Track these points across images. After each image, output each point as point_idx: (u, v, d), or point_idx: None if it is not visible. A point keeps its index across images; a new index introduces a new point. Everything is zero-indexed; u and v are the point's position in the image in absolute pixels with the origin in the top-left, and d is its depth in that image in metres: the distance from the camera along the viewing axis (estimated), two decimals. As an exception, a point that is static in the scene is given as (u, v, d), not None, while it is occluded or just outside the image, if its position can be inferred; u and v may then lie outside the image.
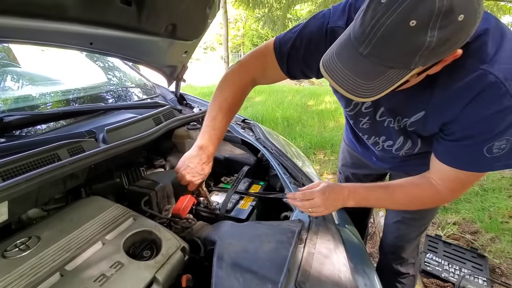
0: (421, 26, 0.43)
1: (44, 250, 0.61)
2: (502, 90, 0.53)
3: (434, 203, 0.79)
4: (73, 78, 1.51)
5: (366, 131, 0.88)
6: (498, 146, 0.58)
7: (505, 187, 2.36)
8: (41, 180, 0.62)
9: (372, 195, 0.78)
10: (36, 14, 0.67)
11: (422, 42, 0.44)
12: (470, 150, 0.61)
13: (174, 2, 0.97)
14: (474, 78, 0.55)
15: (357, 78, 0.51)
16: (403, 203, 0.77)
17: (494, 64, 0.54)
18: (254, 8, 8.25)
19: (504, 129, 0.56)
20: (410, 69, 0.48)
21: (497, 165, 0.62)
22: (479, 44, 0.55)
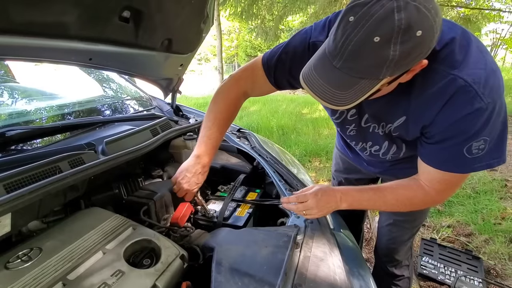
0: (384, 42, 0.48)
1: (46, 261, 0.62)
2: (472, 93, 0.58)
3: (425, 204, 0.81)
4: (70, 92, 1.53)
5: (353, 137, 0.92)
6: (476, 147, 0.62)
7: (496, 189, 2.41)
8: (44, 192, 0.64)
9: (364, 197, 0.81)
10: (38, 33, 0.70)
11: (387, 55, 0.49)
12: (451, 151, 0.65)
13: (170, 18, 1.01)
14: (446, 83, 0.60)
15: (333, 89, 0.56)
16: (394, 204, 0.80)
17: (463, 69, 0.59)
18: (247, 20, 8.43)
19: (479, 129, 0.60)
20: (380, 79, 0.53)
21: (479, 166, 0.65)
22: (448, 52, 0.60)
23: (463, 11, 9.29)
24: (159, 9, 0.93)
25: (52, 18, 0.69)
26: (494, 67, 0.61)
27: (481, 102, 0.58)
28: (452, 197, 2.35)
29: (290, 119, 5.11)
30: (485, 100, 0.58)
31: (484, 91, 0.58)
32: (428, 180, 0.74)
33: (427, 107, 0.64)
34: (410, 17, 0.47)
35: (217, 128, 0.90)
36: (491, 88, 0.59)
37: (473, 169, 0.66)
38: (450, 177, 0.70)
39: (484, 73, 0.59)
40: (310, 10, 7.88)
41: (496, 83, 0.60)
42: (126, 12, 0.87)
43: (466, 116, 0.59)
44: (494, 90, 0.59)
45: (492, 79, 0.59)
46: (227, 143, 1.41)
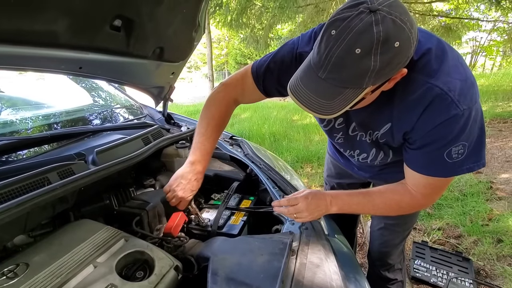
0: (365, 53, 0.51)
1: (33, 277, 0.59)
2: (448, 100, 0.61)
3: (412, 208, 0.83)
4: (58, 101, 1.50)
5: (341, 145, 0.95)
6: (456, 151, 0.65)
7: (483, 191, 2.47)
8: (32, 204, 0.61)
9: (353, 200, 0.83)
10: (28, 41, 0.69)
11: (368, 66, 0.52)
12: (432, 156, 0.68)
13: (162, 27, 1.02)
14: (424, 92, 0.63)
15: (319, 98, 0.58)
16: (383, 208, 0.82)
17: (439, 78, 0.62)
18: (237, 29, 8.51)
19: (457, 135, 0.63)
20: (363, 88, 0.56)
21: (460, 169, 0.68)
22: (425, 62, 0.64)
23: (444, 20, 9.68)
24: (151, 18, 0.93)
25: (41, 26, 0.68)
26: (468, 74, 0.64)
27: (457, 109, 0.61)
28: (441, 200, 2.39)
29: (281, 126, 5.14)
30: (460, 107, 0.61)
31: (459, 99, 0.61)
32: (414, 185, 0.76)
33: (408, 113, 0.67)
34: (387, 30, 0.50)
35: (210, 134, 0.91)
36: (466, 95, 0.61)
37: (454, 173, 0.69)
38: (434, 181, 0.72)
39: (459, 82, 0.62)
40: (299, 19, 8.04)
41: (471, 91, 0.63)
42: (117, 21, 0.86)
43: (444, 123, 0.62)
44: (469, 97, 0.62)
45: (467, 87, 0.62)
46: (220, 151, 1.40)
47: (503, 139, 3.74)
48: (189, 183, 0.86)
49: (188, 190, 0.86)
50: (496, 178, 2.74)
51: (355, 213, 0.84)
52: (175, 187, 0.85)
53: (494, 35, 12.84)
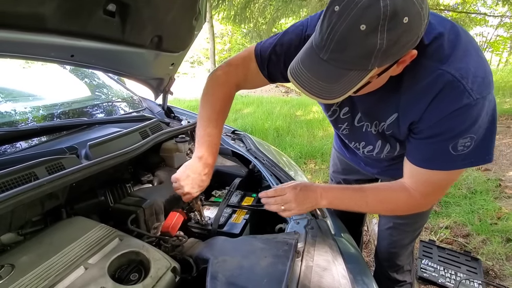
0: (371, 30, 0.47)
1: (19, 279, 0.55)
2: (460, 88, 0.56)
3: (410, 208, 0.77)
4: (55, 93, 1.45)
5: (347, 136, 0.90)
6: (462, 144, 0.60)
7: (491, 189, 2.41)
8: (15, 202, 0.57)
9: (345, 194, 0.78)
10: (12, 24, 0.63)
11: (374, 44, 0.48)
12: (437, 147, 0.63)
13: (160, 13, 0.96)
14: (434, 78, 0.58)
15: (320, 82, 0.54)
16: (376, 205, 0.77)
17: (451, 64, 0.57)
18: (240, 24, 8.42)
19: (467, 127, 0.58)
20: (368, 70, 0.52)
21: (463, 163, 0.63)
22: (436, 46, 0.59)
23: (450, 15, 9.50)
24: (148, 2, 0.88)
25: (26, 8, 0.62)
26: (483, 62, 0.59)
27: (470, 98, 0.56)
28: (448, 198, 2.34)
29: (284, 121, 5.07)
30: (473, 95, 0.56)
31: (472, 87, 0.56)
32: (414, 182, 0.72)
33: (416, 102, 0.63)
34: (395, 4, 0.46)
35: (214, 124, 0.85)
36: (480, 83, 0.57)
37: (456, 167, 0.64)
38: (435, 177, 0.67)
39: (472, 69, 0.57)
40: (303, 12, 7.92)
41: (485, 80, 0.58)
42: (111, 5, 0.80)
43: (454, 112, 0.58)
44: (483, 86, 0.57)
45: (481, 75, 0.57)
46: (221, 146, 1.35)
47: (511, 136, 3.66)
48: (197, 177, 0.80)
49: (196, 185, 0.80)
50: (505, 176, 2.68)
51: (347, 210, 0.79)
52: (182, 181, 0.78)
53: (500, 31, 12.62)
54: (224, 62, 0.90)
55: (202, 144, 0.83)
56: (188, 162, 0.82)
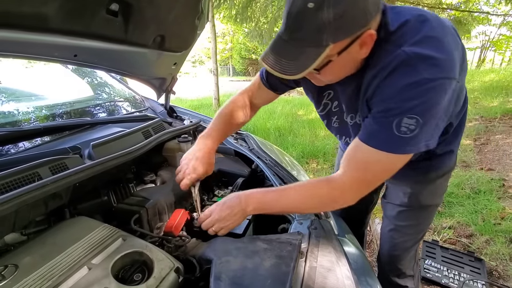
0: (318, 6, 0.53)
1: (22, 280, 0.55)
2: (413, 66, 0.59)
3: (333, 199, 0.74)
4: (57, 93, 1.45)
5: (338, 130, 0.92)
6: (407, 125, 0.61)
7: (495, 189, 2.40)
8: (19, 202, 0.57)
9: (267, 197, 0.78)
10: (15, 24, 0.63)
11: (322, 19, 0.54)
12: (382, 122, 0.64)
13: (162, 13, 0.95)
14: (392, 58, 0.62)
15: (283, 60, 0.61)
16: (299, 201, 0.76)
17: (410, 46, 0.61)
18: (242, 23, 8.39)
19: (415, 105, 0.59)
20: (323, 45, 0.57)
21: (403, 148, 0.64)
22: (400, 33, 0.63)
23: (453, 14, 9.44)
24: (151, 2, 0.87)
25: (30, 8, 0.62)
26: (445, 48, 0.60)
27: (419, 76, 0.58)
28: (451, 198, 2.32)
29: (286, 121, 5.07)
30: (424, 74, 0.58)
31: (426, 67, 0.58)
32: (346, 163, 0.72)
33: (373, 80, 0.66)
34: None
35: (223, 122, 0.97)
36: (433, 65, 0.58)
37: (396, 150, 0.64)
38: (371, 157, 0.67)
39: (430, 52, 0.59)
40: (304, 12, 7.89)
41: (442, 63, 0.59)
42: (114, 5, 0.80)
43: (404, 88, 0.60)
44: (437, 69, 0.59)
45: (438, 58, 0.59)
46: (224, 145, 1.35)
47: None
48: (191, 161, 0.85)
49: (191, 168, 0.84)
50: (509, 176, 2.65)
51: (275, 213, 0.81)
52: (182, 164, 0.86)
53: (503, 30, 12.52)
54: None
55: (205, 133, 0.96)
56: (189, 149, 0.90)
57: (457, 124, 0.89)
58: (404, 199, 1.01)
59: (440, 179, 0.97)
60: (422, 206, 1.01)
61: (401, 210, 1.03)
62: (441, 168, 0.95)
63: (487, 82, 7.31)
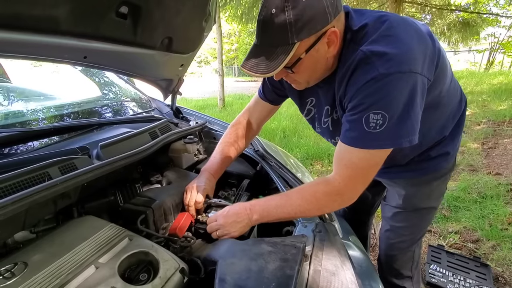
0: (279, 11, 0.61)
1: (31, 277, 0.56)
2: (369, 64, 0.64)
3: (330, 197, 0.77)
4: (66, 93, 1.48)
5: (323, 133, 0.96)
6: (374, 120, 0.65)
7: (503, 194, 2.36)
8: (30, 201, 0.58)
9: (271, 204, 0.80)
10: (26, 27, 0.65)
11: (285, 20, 0.61)
12: (353, 120, 0.68)
13: (170, 15, 0.96)
14: (353, 57, 0.67)
15: (258, 61, 0.67)
16: (301, 204, 0.78)
17: (368, 45, 0.66)
18: (247, 23, 8.41)
19: (376, 100, 0.64)
20: (290, 43, 0.63)
21: (377, 143, 0.67)
22: (363, 33, 0.69)
23: (462, 15, 9.31)
24: (159, 5, 0.88)
25: (41, 11, 0.63)
26: (402, 45, 0.64)
27: (376, 72, 0.63)
28: (458, 202, 2.30)
29: (291, 122, 5.06)
30: (380, 70, 0.62)
31: (382, 63, 0.62)
32: (337, 163, 0.76)
33: (342, 80, 0.72)
34: None
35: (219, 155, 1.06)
36: (389, 61, 0.62)
37: (370, 146, 0.68)
38: (354, 156, 0.71)
39: (384, 48, 0.63)
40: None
41: (398, 59, 0.62)
42: (123, 8, 0.81)
43: (365, 85, 0.65)
44: (393, 64, 0.62)
45: (394, 52, 0.63)
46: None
47: (524, 140, 3.57)
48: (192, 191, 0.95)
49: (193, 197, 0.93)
50: (517, 181, 2.61)
51: (280, 219, 0.82)
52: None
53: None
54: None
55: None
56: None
57: (454, 126, 0.89)
58: (399, 201, 1.02)
59: (436, 181, 0.97)
60: (416, 209, 1.02)
61: (396, 212, 1.06)
62: (437, 171, 0.95)
63: (495, 84, 7.20)
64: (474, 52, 13.63)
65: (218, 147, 1.08)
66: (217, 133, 1.45)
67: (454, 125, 0.90)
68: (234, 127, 1.10)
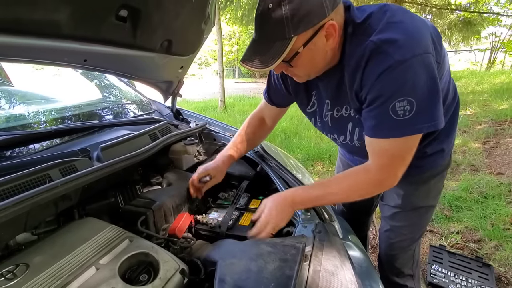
0: (276, 5, 0.61)
1: (33, 279, 0.57)
2: (383, 52, 0.64)
3: (371, 185, 0.79)
4: (67, 96, 1.49)
5: (322, 128, 0.97)
6: (401, 107, 0.64)
7: (504, 193, 2.35)
8: (31, 203, 0.58)
9: (312, 195, 0.83)
10: (28, 31, 0.66)
11: (281, 15, 0.62)
12: (378, 113, 0.68)
13: (170, 18, 0.97)
14: (363, 49, 0.67)
15: (255, 55, 0.68)
16: (342, 193, 0.81)
17: (376, 35, 0.66)
18: (248, 25, 8.44)
19: (398, 87, 0.64)
20: (287, 38, 0.64)
21: (409, 129, 0.67)
22: (366, 25, 0.69)
23: (462, 15, 9.31)
24: (158, 8, 0.89)
25: (42, 15, 0.64)
26: (407, 30, 0.65)
27: (391, 59, 0.62)
28: (459, 202, 2.29)
29: (292, 123, 5.06)
30: (395, 57, 0.62)
31: (394, 50, 0.63)
32: (371, 155, 0.76)
33: (355, 74, 0.71)
34: None
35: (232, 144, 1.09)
36: (401, 47, 0.62)
37: (403, 133, 0.67)
38: (387, 145, 0.71)
39: (393, 35, 0.64)
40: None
41: (408, 43, 0.63)
42: (123, 11, 0.82)
43: (382, 74, 0.64)
44: (405, 49, 0.62)
45: (403, 40, 0.63)
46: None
47: (526, 139, 3.56)
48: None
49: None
50: (519, 180, 2.60)
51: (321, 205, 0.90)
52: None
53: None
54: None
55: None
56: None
57: (447, 122, 0.89)
58: (398, 201, 1.02)
59: (433, 179, 0.98)
60: (415, 208, 1.02)
61: (395, 212, 1.06)
62: (433, 168, 0.96)
63: (497, 84, 7.18)
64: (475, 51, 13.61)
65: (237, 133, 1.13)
66: (217, 135, 1.46)
67: (448, 122, 0.90)
68: (248, 121, 1.13)
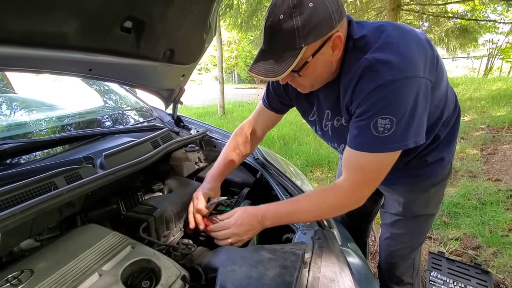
0: (287, 17, 0.64)
1: (38, 284, 0.57)
2: (375, 71, 0.67)
3: (340, 203, 0.81)
4: (69, 103, 1.51)
5: (323, 137, 0.99)
6: (382, 125, 0.67)
7: (502, 200, 2.37)
8: (38, 210, 0.60)
9: (282, 211, 0.83)
10: (37, 43, 0.68)
11: (292, 26, 0.64)
12: (361, 126, 0.71)
13: (173, 28, 1.00)
14: (358, 66, 0.70)
15: (266, 66, 0.70)
16: (311, 210, 0.82)
17: (371, 54, 0.69)
18: (247, 31, 8.53)
19: (384, 106, 0.67)
20: (297, 48, 0.66)
21: (386, 147, 0.70)
22: (365, 41, 0.72)
23: (459, 22, 9.43)
24: (162, 19, 0.92)
25: (51, 27, 0.67)
26: (402, 51, 0.67)
27: (382, 79, 0.66)
28: (458, 209, 2.30)
29: (291, 129, 5.09)
30: (386, 77, 0.65)
31: (386, 70, 0.65)
32: (345, 170, 0.78)
33: (347, 88, 0.74)
34: None
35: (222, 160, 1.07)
36: (394, 67, 0.65)
37: (379, 149, 0.71)
38: (362, 159, 0.73)
39: (388, 55, 0.66)
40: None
41: (402, 65, 0.66)
42: (127, 23, 0.85)
43: (372, 92, 0.67)
44: (398, 70, 0.65)
45: (398, 59, 0.66)
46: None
47: (524, 146, 3.58)
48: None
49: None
50: (517, 187, 2.62)
51: (292, 223, 0.89)
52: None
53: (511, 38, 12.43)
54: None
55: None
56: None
57: (448, 131, 0.91)
58: (398, 209, 1.04)
59: (434, 188, 0.99)
60: (415, 216, 1.03)
61: (396, 219, 1.07)
62: (434, 177, 0.97)
63: (494, 90, 7.25)
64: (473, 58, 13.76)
65: (221, 153, 1.11)
66: (217, 142, 1.48)
67: (448, 131, 0.92)
68: (236, 134, 1.13)
